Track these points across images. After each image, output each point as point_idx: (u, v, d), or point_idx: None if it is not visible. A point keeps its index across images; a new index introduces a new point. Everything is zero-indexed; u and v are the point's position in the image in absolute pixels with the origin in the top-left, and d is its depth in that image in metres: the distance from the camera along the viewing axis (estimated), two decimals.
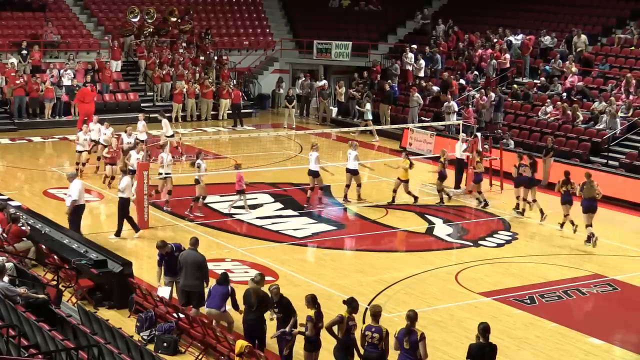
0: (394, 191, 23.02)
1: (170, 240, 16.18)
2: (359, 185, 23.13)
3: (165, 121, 27.21)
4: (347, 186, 23.09)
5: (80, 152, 24.93)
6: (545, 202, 22.27)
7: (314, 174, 22.77)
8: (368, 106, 33.07)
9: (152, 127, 32.81)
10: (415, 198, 23.15)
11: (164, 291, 15.15)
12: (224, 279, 13.97)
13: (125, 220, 19.54)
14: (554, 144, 26.07)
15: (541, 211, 21.84)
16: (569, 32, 34.18)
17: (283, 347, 12.98)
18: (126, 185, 19.34)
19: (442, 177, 23.24)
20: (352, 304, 12.26)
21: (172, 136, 26.60)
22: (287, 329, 12.81)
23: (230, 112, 35.26)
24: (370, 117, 32.90)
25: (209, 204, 22.26)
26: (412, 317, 11.75)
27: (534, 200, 22.11)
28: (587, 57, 32.54)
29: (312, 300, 12.48)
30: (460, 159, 24.64)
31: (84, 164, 24.77)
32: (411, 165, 22.74)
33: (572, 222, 20.65)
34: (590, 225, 20.10)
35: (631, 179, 24.59)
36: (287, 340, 12.94)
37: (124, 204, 19.44)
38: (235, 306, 13.93)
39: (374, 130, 32.07)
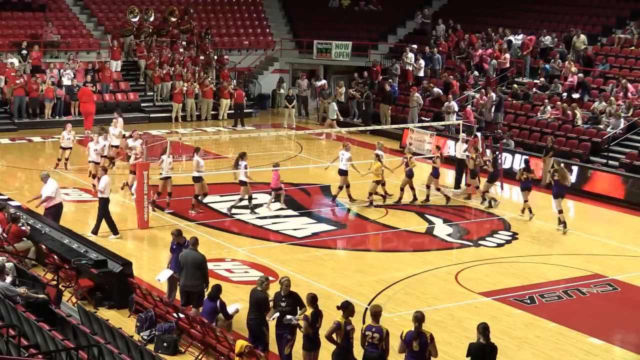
0: (371, 194, 22.93)
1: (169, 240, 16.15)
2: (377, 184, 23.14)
3: (120, 120, 26.71)
4: (383, 184, 23.27)
5: (93, 162, 23.92)
6: (544, 201, 22.31)
7: (344, 173, 22.86)
8: (334, 106, 33.64)
9: (152, 126, 33.01)
10: (384, 196, 23.25)
11: (163, 275, 15.19)
12: (213, 295, 13.86)
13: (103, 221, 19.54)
14: (554, 144, 26.07)
15: (492, 200, 22.98)
16: (568, 32, 34.19)
17: (283, 346, 12.98)
18: (105, 185, 19.31)
19: (409, 174, 23.22)
20: (347, 308, 12.11)
21: (124, 136, 25.84)
22: (293, 317, 12.75)
23: (232, 111, 35.29)
24: (334, 116, 33.62)
25: (209, 204, 22.25)
26: (420, 318, 11.64)
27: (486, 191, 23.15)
28: (587, 56, 32.51)
29: (311, 300, 12.47)
30: (461, 159, 24.66)
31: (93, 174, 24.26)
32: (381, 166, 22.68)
33: (529, 210, 21.96)
34: (562, 211, 21.23)
35: (631, 179, 24.58)
36: (287, 340, 12.93)
37: (104, 204, 19.42)
38: (226, 316, 13.89)
39: (335, 127, 32.99)
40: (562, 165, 21.92)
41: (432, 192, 23.31)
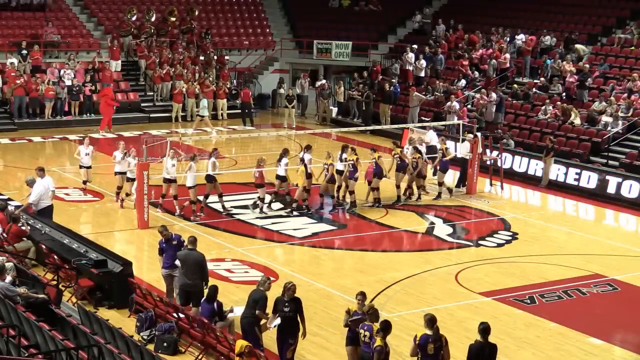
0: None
1: None
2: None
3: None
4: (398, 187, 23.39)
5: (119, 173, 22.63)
6: (544, 201, 22.28)
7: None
8: (204, 102, 33.70)
9: (152, 126, 33.02)
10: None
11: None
12: (211, 297, 13.83)
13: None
14: (554, 144, 26.07)
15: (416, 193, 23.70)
16: (569, 33, 34.16)
17: (285, 350, 12.92)
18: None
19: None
20: (386, 329, 11.66)
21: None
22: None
23: (240, 111, 35.39)
24: (205, 113, 33.50)
25: (209, 204, 22.23)
26: (435, 320, 11.50)
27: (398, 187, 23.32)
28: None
29: (377, 313, 12.25)
30: (463, 158, 24.64)
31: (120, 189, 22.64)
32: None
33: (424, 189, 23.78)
34: (442, 184, 23.76)
35: (631, 179, 24.57)
36: (290, 344, 12.88)
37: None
38: (221, 318, 13.88)
39: (209, 124, 33.12)
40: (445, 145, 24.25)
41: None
